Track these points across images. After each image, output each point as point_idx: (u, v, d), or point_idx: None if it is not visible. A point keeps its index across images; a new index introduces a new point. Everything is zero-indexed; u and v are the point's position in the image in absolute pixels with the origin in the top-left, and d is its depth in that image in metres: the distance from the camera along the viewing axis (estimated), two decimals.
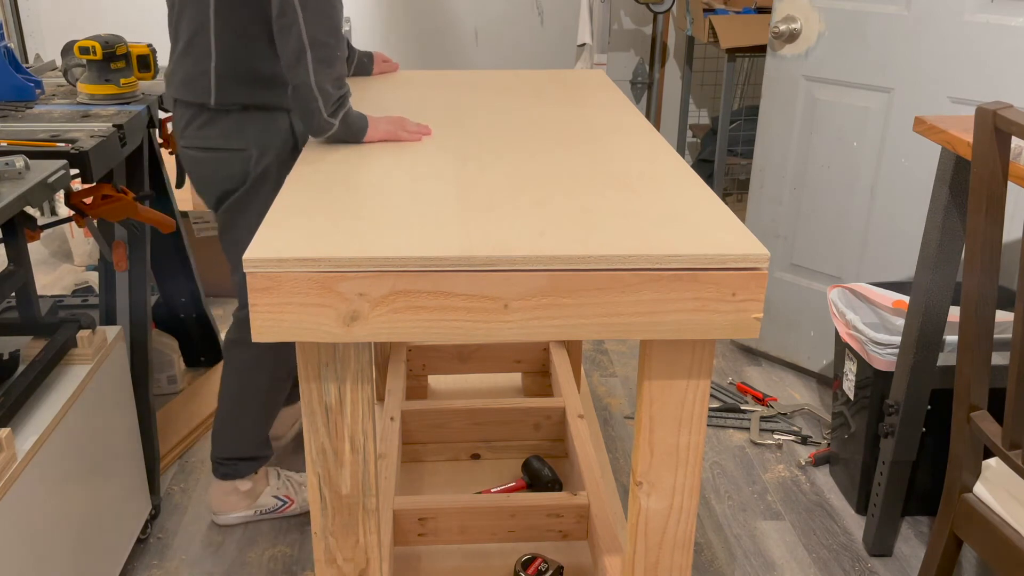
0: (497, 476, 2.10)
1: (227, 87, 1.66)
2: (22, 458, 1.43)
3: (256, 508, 2.07)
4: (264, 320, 1.03)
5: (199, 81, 1.66)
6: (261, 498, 2.07)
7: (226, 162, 1.71)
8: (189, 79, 1.68)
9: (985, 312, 1.39)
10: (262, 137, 1.69)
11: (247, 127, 1.69)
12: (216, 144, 1.70)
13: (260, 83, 1.67)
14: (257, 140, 1.69)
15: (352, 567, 1.22)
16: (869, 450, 2.08)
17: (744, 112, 3.81)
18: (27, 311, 1.67)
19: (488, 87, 1.96)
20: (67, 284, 3.34)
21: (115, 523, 1.80)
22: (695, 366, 1.14)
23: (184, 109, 1.72)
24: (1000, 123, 1.27)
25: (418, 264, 1.02)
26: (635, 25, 4.09)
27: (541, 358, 2.44)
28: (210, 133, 1.70)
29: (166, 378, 2.58)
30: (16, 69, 2.03)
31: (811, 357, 2.73)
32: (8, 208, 1.38)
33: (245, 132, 1.69)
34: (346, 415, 1.13)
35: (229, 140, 1.69)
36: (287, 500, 2.09)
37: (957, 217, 1.73)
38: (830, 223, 2.56)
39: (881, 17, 2.30)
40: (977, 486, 1.51)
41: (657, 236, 1.09)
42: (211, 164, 1.72)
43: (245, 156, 1.70)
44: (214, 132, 1.69)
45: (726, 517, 2.14)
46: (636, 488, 1.20)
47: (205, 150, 1.72)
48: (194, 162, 1.75)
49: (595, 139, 1.52)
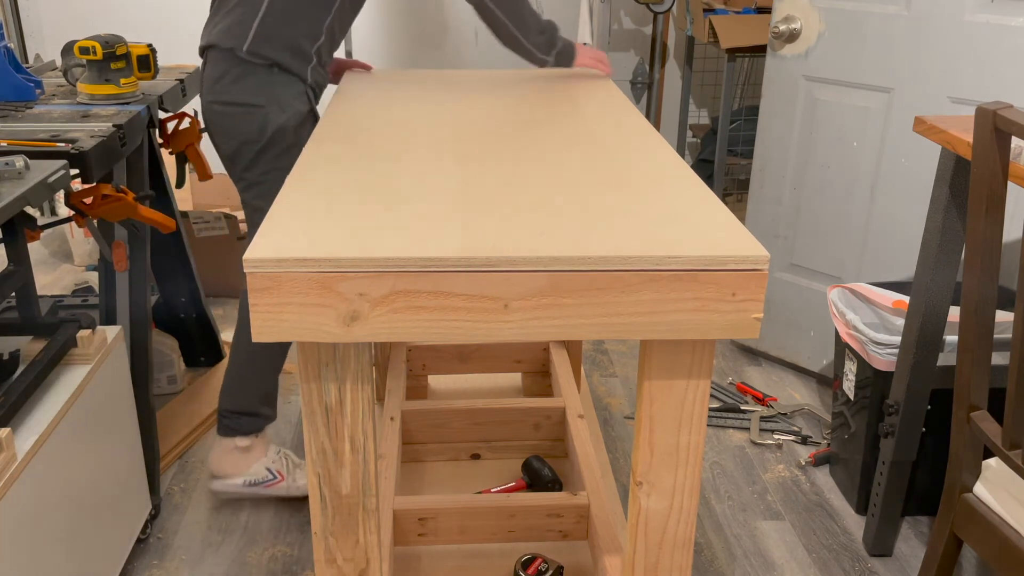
0: (497, 476, 2.10)
1: (263, 42, 1.81)
2: (22, 458, 1.43)
3: (246, 478, 2.08)
4: (264, 320, 1.03)
5: (239, 29, 1.81)
6: (254, 466, 2.08)
7: (246, 117, 1.83)
8: (229, 28, 1.83)
9: (985, 312, 1.39)
10: (282, 97, 1.83)
11: (269, 86, 1.83)
12: (240, 99, 1.83)
13: (292, 51, 1.83)
14: (277, 99, 1.83)
15: (352, 567, 1.22)
16: (869, 450, 2.08)
17: (744, 112, 3.81)
18: (27, 311, 1.67)
19: (488, 87, 1.96)
20: (67, 284, 3.34)
21: (115, 523, 1.80)
22: (695, 366, 1.14)
23: (215, 65, 1.85)
24: (1000, 123, 1.27)
25: (418, 264, 1.02)
26: (635, 25, 4.09)
27: (541, 358, 2.44)
28: (235, 89, 1.83)
29: (166, 378, 2.58)
30: (16, 69, 2.03)
31: (811, 357, 2.73)
32: (8, 208, 1.38)
33: (267, 90, 1.83)
34: (346, 415, 1.13)
35: (252, 96, 1.82)
36: (277, 475, 2.10)
37: (957, 217, 1.73)
38: (830, 223, 2.56)
39: (881, 17, 2.30)
40: (977, 486, 1.51)
41: (657, 236, 1.09)
42: (232, 118, 1.85)
43: (264, 112, 1.83)
44: (238, 88, 1.82)
45: (726, 517, 2.14)
46: (636, 488, 1.20)
47: (229, 104, 1.84)
48: (217, 116, 1.87)
49: (595, 139, 1.52)
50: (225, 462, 2.08)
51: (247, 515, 2.13)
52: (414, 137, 1.52)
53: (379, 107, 1.74)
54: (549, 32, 2.02)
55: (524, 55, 2.03)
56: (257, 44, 1.81)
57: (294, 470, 2.13)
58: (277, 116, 1.83)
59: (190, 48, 3.68)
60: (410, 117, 1.66)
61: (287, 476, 2.12)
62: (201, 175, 2.35)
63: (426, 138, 1.53)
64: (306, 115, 1.87)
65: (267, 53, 1.81)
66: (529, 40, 1.99)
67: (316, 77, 1.91)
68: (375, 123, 1.61)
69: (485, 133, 1.55)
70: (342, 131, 1.55)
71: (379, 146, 1.48)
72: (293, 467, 2.14)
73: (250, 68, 1.82)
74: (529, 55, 2.02)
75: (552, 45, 2.02)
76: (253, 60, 1.81)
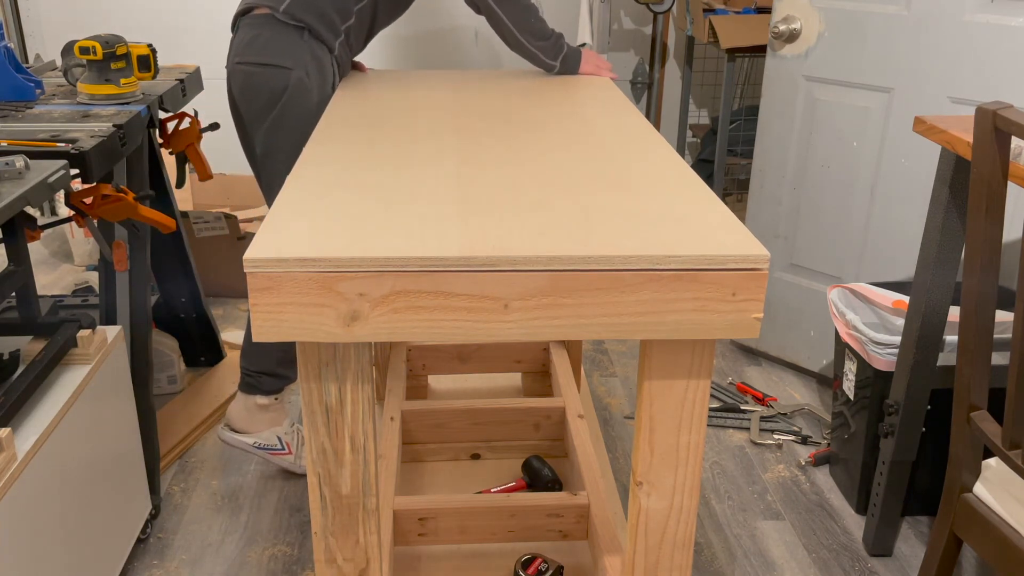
0: (497, 476, 2.10)
1: (299, 6, 1.90)
2: (22, 458, 1.43)
3: (257, 439, 2.16)
4: (264, 320, 1.03)
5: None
6: (266, 432, 2.16)
7: (273, 77, 1.90)
8: None
9: (985, 312, 1.39)
10: (307, 60, 1.90)
11: (299, 49, 1.89)
12: (269, 60, 1.89)
13: (324, 20, 1.92)
14: (303, 63, 1.89)
15: (352, 567, 1.22)
16: (869, 450, 2.08)
17: (744, 112, 3.81)
18: (27, 311, 1.67)
19: (488, 87, 1.96)
20: (67, 284, 3.34)
21: (115, 523, 1.80)
22: (695, 366, 1.14)
23: (248, 29, 1.93)
24: (1000, 123, 1.28)
25: (418, 264, 1.02)
26: (635, 25, 4.09)
27: (541, 358, 2.44)
28: (267, 49, 1.90)
29: (166, 378, 2.58)
30: (16, 69, 2.03)
31: (811, 357, 2.73)
32: (8, 208, 1.38)
33: (296, 53, 1.89)
34: (346, 415, 1.13)
35: (282, 58, 1.89)
36: (285, 446, 2.18)
37: (957, 217, 1.73)
38: (830, 223, 2.56)
39: (881, 17, 2.30)
40: (977, 486, 1.51)
41: (657, 236, 1.09)
42: (260, 77, 1.91)
43: (289, 74, 1.89)
44: (271, 49, 1.89)
45: (726, 517, 2.15)
46: (636, 488, 1.20)
47: (258, 65, 1.91)
48: (244, 76, 1.92)
49: (595, 139, 1.52)
50: (242, 417, 2.16)
51: (247, 515, 2.13)
52: (414, 137, 1.52)
53: (379, 107, 1.74)
54: (555, 38, 2.09)
55: (531, 59, 2.10)
56: (293, 6, 1.89)
57: (302, 447, 2.17)
58: (301, 78, 1.89)
59: (190, 48, 3.69)
60: (410, 117, 1.66)
61: (294, 450, 2.18)
62: (201, 175, 2.35)
63: (426, 138, 1.53)
64: (329, 83, 1.94)
65: (302, 16, 1.89)
66: (535, 45, 2.06)
67: (343, 52, 1.99)
68: (375, 123, 1.61)
69: (485, 133, 1.55)
70: (342, 131, 1.55)
71: (379, 146, 1.48)
72: (303, 444, 2.18)
73: (283, 30, 1.90)
74: (535, 59, 2.10)
75: (559, 50, 2.09)
76: (288, 21, 1.89)
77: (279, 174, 1.93)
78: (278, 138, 1.92)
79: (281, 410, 2.18)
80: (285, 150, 1.92)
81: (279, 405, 2.17)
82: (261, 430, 2.16)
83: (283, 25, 1.90)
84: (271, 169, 1.96)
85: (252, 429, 2.16)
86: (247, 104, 1.94)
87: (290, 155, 1.90)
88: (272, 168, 1.96)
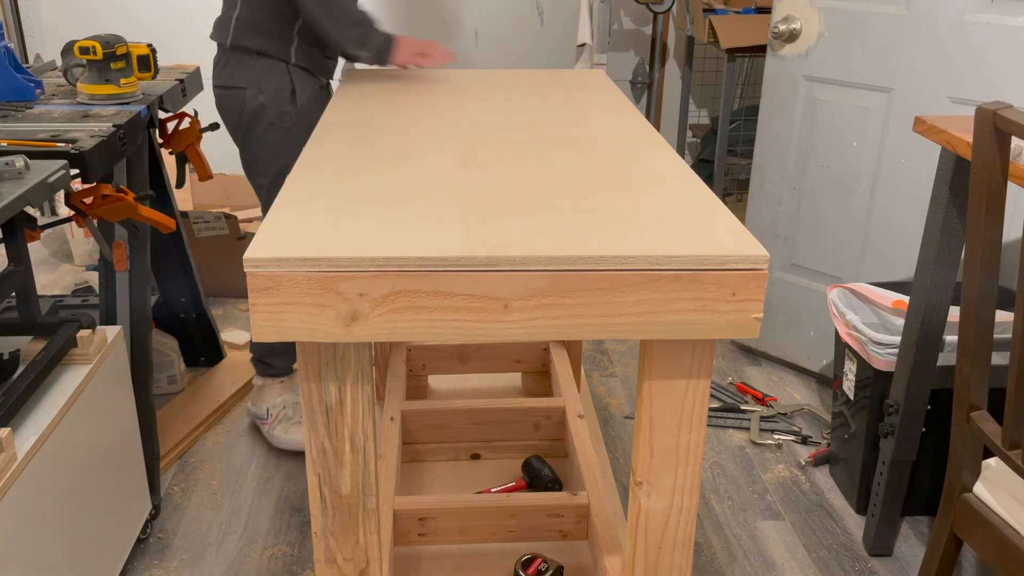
0: (497, 476, 2.10)
1: (241, 34, 2.04)
2: (22, 458, 1.43)
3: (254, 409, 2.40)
4: (264, 320, 1.03)
5: (224, 25, 2.07)
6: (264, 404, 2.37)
7: (232, 98, 2.07)
8: (219, 23, 2.09)
9: (985, 312, 1.39)
10: (260, 79, 2.04)
11: (249, 70, 2.04)
12: (227, 83, 2.08)
13: (267, 35, 2.03)
14: (255, 81, 2.04)
15: (352, 567, 1.22)
16: (869, 450, 2.08)
17: (744, 112, 3.81)
18: (27, 311, 1.67)
19: (488, 87, 1.96)
20: (67, 284, 3.34)
21: (115, 523, 1.80)
22: (695, 366, 1.14)
23: (217, 54, 2.11)
24: (1000, 123, 1.28)
25: (418, 264, 1.02)
26: (635, 25, 4.09)
27: (541, 358, 2.44)
28: (224, 74, 2.08)
29: (166, 378, 2.58)
30: (16, 69, 2.03)
31: (811, 357, 2.73)
32: (8, 208, 1.38)
33: (248, 74, 2.04)
34: (346, 415, 1.13)
35: (235, 79, 2.06)
36: (269, 417, 2.37)
37: (957, 217, 1.73)
38: (830, 223, 2.56)
39: (881, 17, 2.30)
40: (977, 486, 1.51)
41: (657, 236, 1.09)
42: (223, 99, 2.10)
43: (244, 94, 2.05)
44: (227, 73, 2.07)
45: (726, 517, 2.15)
46: (636, 488, 1.20)
47: (221, 88, 2.10)
48: (217, 99, 2.12)
49: (595, 139, 1.52)
50: (254, 392, 2.43)
51: (247, 515, 2.13)
52: (414, 137, 1.52)
53: (379, 107, 1.74)
54: (364, 26, 2.02)
55: (336, 49, 2.10)
56: (237, 37, 2.05)
57: (282, 422, 2.36)
58: (255, 96, 2.04)
59: (190, 48, 3.69)
60: (410, 117, 1.66)
61: (270, 423, 2.37)
62: (201, 175, 2.35)
63: (426, 138, 1.53)
64: (288, 95, 2.05)
65: (247, 43, 2.04)
66: (340, 34, 2.00)
67: (303, 57, 2.07)
68: (375, 123, 1.61)
69: (485, 133, 1.55)
70: (342, 131, 1.55)
71: (379, 146, 1.48)
72: (285, 419, 2.36)
73: (235, 56, 2.06)
74: (340, 50, 2.09)
75: (365, 39, 2.02)
76: (237, 50, 2.05)
77: (261, 184, 2.15)
78: (250, 151, 2.12)
79: (277, 386, 2.39)
80: (260, 160, 2.11)
81: (273, 383, 2.39)
82: (260, 402, 2.40)
83: (236, 52, 2.06)
84: (254, 180, 2.17)
85: (254, 402, 2.42)
86: (224, 122, 2.14)
87: (265, 164, 2.10)
88: (255, 179, 2.16)
